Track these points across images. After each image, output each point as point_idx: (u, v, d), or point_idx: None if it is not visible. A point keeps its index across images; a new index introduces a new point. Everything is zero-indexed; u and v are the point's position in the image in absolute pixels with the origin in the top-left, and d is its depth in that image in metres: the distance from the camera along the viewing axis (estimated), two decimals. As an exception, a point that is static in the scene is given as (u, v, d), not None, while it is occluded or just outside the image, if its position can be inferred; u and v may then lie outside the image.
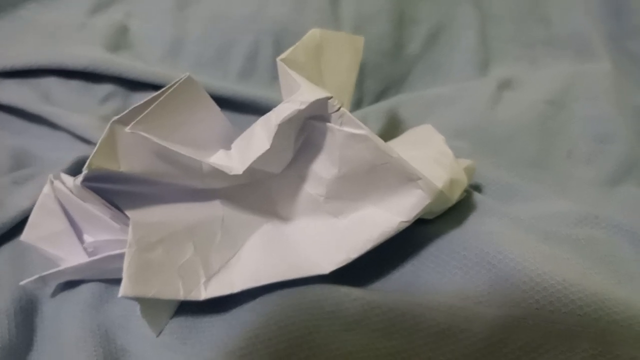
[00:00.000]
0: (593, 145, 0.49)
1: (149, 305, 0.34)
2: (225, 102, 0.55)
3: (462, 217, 0.38)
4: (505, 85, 0.55)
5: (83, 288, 0.39)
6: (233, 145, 0.35)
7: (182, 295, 0.33)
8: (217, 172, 0.36)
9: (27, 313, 0.39)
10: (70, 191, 0.36)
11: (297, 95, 0.31)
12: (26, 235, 0.40)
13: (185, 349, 0.33)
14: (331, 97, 0.31)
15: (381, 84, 0.57)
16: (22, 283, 0.39)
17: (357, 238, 0.34)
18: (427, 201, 0.32)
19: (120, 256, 0.35)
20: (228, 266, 0.35)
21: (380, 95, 0.58)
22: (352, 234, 0.34)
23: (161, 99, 0.32)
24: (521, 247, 0.34)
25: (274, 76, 0.57)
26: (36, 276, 0.38)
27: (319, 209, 0.36)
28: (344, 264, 0.34)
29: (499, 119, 0.50)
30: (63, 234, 0.39)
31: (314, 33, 0.38)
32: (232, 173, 0.32)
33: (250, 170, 0.36)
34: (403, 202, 0.33)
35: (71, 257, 0.40)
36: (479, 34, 0.60)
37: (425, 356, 0.31)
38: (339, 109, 0.31)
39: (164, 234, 0.33)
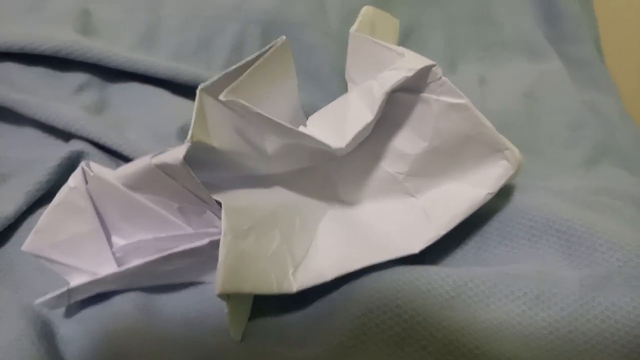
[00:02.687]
0: (568, 133, 0.54)
1: (236, 304, 0.29)
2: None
3: (509, 192, 0.39)
4: (481, 81, 0.59)
5: (119, 300, 0.33)
6: (313, 121, 0.32)
7: (275, 288, 0.30)
8: (282, 155, 0.33)
9: (48, 339, 0.32)
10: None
11: (403, 62, 0.30)
12: (33, 244, 0.33)
13: (286, 352, 0.30)
14: (435, 65, 0.30)
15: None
16: (39, 302, 0.32)
17: (443, 214, 0.33)
18: (511, 172, 0.33)
19: (170, 258, 0.30)
20: (309, 255, 0.32)
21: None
22: (438, 210, 0.33)
23: (255, 65, 0.28)
24: (583, 214, 0.36)
25: (261, 68, 0.54)
26: (60, 290, 0.32)
27: (393, 189, 0.35)
28: (433, 241, 0.33)
29: (489, 110, 0.53)
30: (88, 238, 0.33)
31: (368, 10, 0.37)
32: (334, 147, 0.30)
33: (313, 152, 0.34)
34: (488, 173, 0.33)
35: (92, 264, 0.34)
36: (444, 35, 0.64)
37: (527, 323, 0.31)
38: (441, 77, 0.30)
39: (253, 221, 0.29)
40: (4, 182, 0.40)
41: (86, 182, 0.32)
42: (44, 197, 0.39)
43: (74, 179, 0.32)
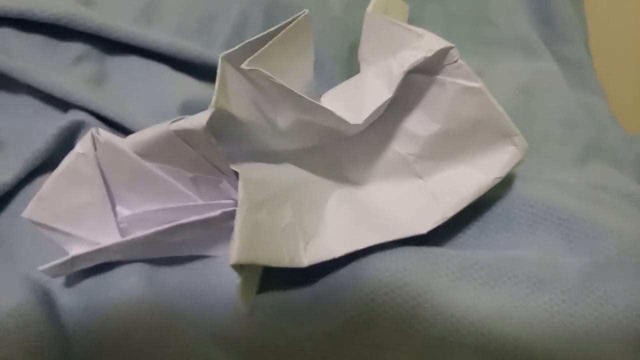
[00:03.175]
0: (562, 130, 0.56)
1: (248, 277, 0.29)
2: (211, 73, 0.50)
3: (511, 180, 0.40)
4: (477, 75, 0.59)
5: (122, 271, 0.32)
6: (327, 98, 0.32)
7: (287, 262, 0.30)
8: (293, 132, 0.33)
9: (50, 306, 0.31)
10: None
11: (422, 43, 0.30)
12: (34, 211, 0.32)
13: (293, 328, 0.30)
14: (453, 47, 0.30)
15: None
16: (41, 268, 0.31)
17: (451, 197, 0.34)
18: (518, 158, 0.34)
19: (180, 228, 0.30)
20: (319, 231, 0.32)
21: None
22: (445, 193, 0.34)
23: (277, 36, 0.28)
24: (583, 205, 0.37)
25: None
26: (66, 257, 0.31)
27: (401, 170, 0.35)
28: (440, 223, 0.34)
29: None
30: (92, 207, 0.33)
31: None
32: (352, 122, 0.30)
33: (323, 130, 0.34)
34: (496, 159, 0.34)
35: (95, 234, 0.33)
36: (443, 31, 0.64)
37: (529, 306, 0.32)
38: (458, 60, 0.31)
39: (267, 195, 0.29)
40: (1, 150, 0.39)
41: (95, 149, 0.31)
42: (42, 166, 0.38)
43: (82, 146, 0.31)
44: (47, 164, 0.39)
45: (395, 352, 0.28)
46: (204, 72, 0.49)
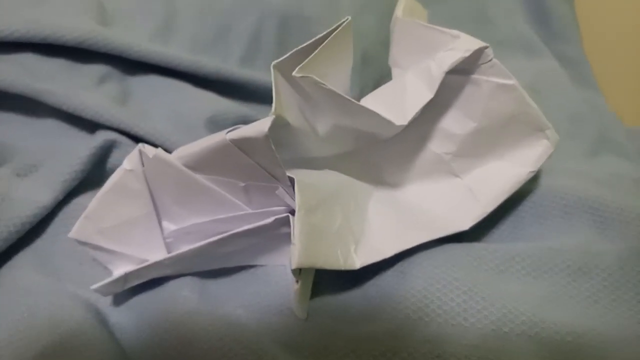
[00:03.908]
0: (569, 125, 0.57)
1: (304, 283, 0.30)
2: (229, 87, 0.50)
3: (539, 174, 0.41)
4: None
5: (174, 285, 0.32)
6: (367, 102, 0.33)
7: (342, 264, 0.30)
8: (331, 138, 0.34)
9: (105, 325, 0.31)
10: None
11: (459, 43, 0.31)
12: (81, 230, 0.32)
13: (351, 329, 0.30)
14: (488, 47, 0.31)
15: (379, 72, 0.58)
16: (94, 287, 0.31)
17: (489, 192, 0.35)
18: (551, 150, 0.35)
19: (233, 238, 0.30)
20: (365, 233, 0.33)
21: (377, 84, 0.59)
22: (483, 189, 0.35)
23: (324, 43, 0.29)
24: (610, 192, 0.38)
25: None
26: (119, 274, 0.31)
27: (438, 170, 0.36)
28: (481, 218, 0.34)
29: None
30: (139, 223, 0.33)
31: (402, 1, 0.38)
32: (398, 124, 0.31)
33: (358, 135, 0.35)
34: (530, 152, 0.35)
35: (142, 251, 0.33)
36: (448, 31, 0.66)
37: (573, 293, 0.33)
38: (492, 59, 0.32)
39: (319, 198, 0.30)
40: (34, 171, 0.39)
41: (142, 165, 0.31)
42: (77, 187, 0.38)
43: (130, 162, 0.31)
44: (81, 184, 0.39)
45: (453, 344, 0.29)
46: (223, 87, 0.50)
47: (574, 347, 0.30)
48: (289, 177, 0.28)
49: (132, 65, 0.48)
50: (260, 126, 0.26)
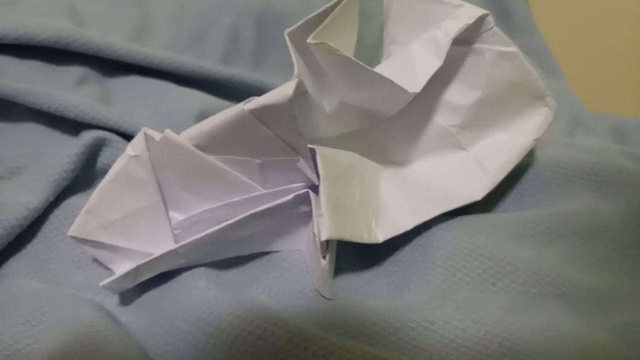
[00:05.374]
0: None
1: (330, 262, 0.29)
2: (210, 85, 0.49)
3: (537, 146, 0.41)
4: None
5: (188, 277, 0.30)
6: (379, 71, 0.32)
7: (366, 237, 0.29)
8: (336, 115, 0.34)
9: (117, 324, 0.29)
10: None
11: (463, 11, 0.31)
12: (80, 227, 0.30)
13: (381, 303, 0.29)
14: (489, 14, 0.32)
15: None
16: (103, 284, 0.29)
17: (496, 162, 0.35)
18: (551, 118, 0.36)
19: (252, 218, 0.29)
20: (381, 209, 0.32)
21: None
22: (490, 159, 0.35)
23: (334, 12, 0.28)
24: (604, 158, 0.39)
25: (257, 61, 0.54)
26: (127, 269, 0.29)
27: (444, 144, 0.36)
28: (492, 187, 0.35)
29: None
30: (146, 213, 0.31)
31: None
32: (411, 91, 0.30)
33: (362, 114, 0.35)
34: (532, 120, 0.35)
35: (148, 244, 0.32)
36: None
37: (589, 255, 0.33)
38: (493, 27, 0.32)
39: (339, 171, 0.29)
40: (19, 174, 0.36)
41: (148, 150, 0.30)
42: (66, 189, 0.36)
43: (134, 147, 0.30)
44: (70, 186, 0.36)
45: (486, 309, 0.28)
46: (204, 85, 0.49)
47: (598, 303, 0.30)
48: (309, 148, 0.28)
49: (110, 66, 0.46)
50: (283, 91, 0.25)
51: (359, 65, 0.29)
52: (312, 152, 0.28)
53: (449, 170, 0.35)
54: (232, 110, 0.27)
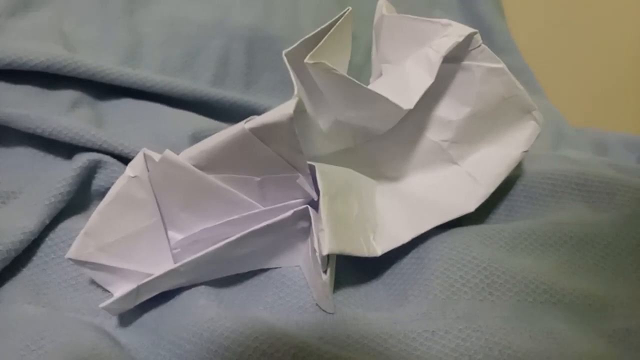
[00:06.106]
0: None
1: (331, 274, 0.29)
2: (202, 107, 0.50)
3: (525, 159, 0.42)
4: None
5: (187, 296, 0.30)
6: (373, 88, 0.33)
7: (365, 250, 0.30)
8: (330, 134, 0.34)
9: (119, 346, 0.28)
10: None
11: (452, 30, 0.32)
12: (80, 249, 0.30)
13: (382, 316, 0.29)
14: (477, 32, 0.33)
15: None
16: (103, 305, 0.29)
17: (488, 174, 0.36)
18: (539, 131, 0.37)
19: (252, 235, 0.29)
20: (378, 223, 0.33)
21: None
22: (481, 172, 0.36)
23: (330, 32, 0.29)
24: (592, 169, 0.40)
25: (247, 82, 0.54)
26: (128, 289, 0.29)
27: (437, 159, 0.37)
28: (484, 199, 0.35)
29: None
30: (145, 234, 0.31)
31: (381, 3, 0.40)
32: (405, 107, 0.31)
33: (356, 131, 0.35)
34: (521, 134, 0.36)
35: (147, 264, 0.32)
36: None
37: (581, 262, 0.34)
38: (481, 44, 0.33)
39: (337, 186, 0.29)
40: (14, 198, 0.36)
41: (147, 170, 0.30)
42: (61, 212, 0.36)
43: (134, 168, 0.30)
44: (65, 209, 0.36)
45: (485, 318, 0.29)
46: (196, 107, 0.49)
47: (594, 310, 0.31)
48: (309, 165, 0.28)
49: (102, 90, 0.46)
50: (284, 110, 0.26)
51: (355, 84, 0.29)
52: (312, 169, 0.28)
53: (442, 184, 0.36)
54: (233, 130, 0.27)
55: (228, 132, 0.27)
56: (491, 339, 0.27)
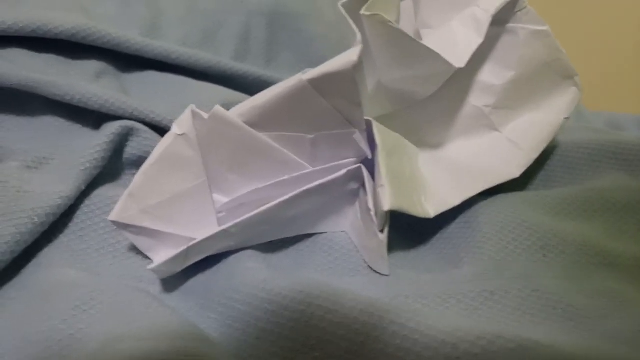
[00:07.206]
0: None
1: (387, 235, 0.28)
2: (225, 82, 0.49)
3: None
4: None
5: (235, 260, 0.29)
6: None
7: (420, 210, 0.29)
8: (372, 98, 0.34)
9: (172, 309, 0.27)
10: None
11: None
12: (124, 211, 0.29)
13: (434, 277, 0.29)
14: None
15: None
16: (152, 267, 0.28)
17: (530, 141, 0.35)
18: (580, 97, 0.36)
19: (305, 195, 0.29)
20: (426, 186, 0.32)
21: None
22: (524, 138, 0.35)
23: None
24: (624, 137, 0.40)
25: (268, 59, 0.54)
26: (177, 251, 0.28)
27: (478, 124, 0.36)
28: (528, 165, 0.35)
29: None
30: (190, 195, 0.30)
31: None
32: (457, 66, 0.30)
33: (395, 96, 0.35)
34: (562, 100, 0.36)
35: (191, 228, 0.31)
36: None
37: (625, 228, 0.34)
38: (527, 6, 0.33)
39: (392, 143, 0.29)
40: (46, 164, 0.35)
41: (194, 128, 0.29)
42: (96, 179, 0.35)
43: (181, 126, 0.29)
44: (98, 176, 0.35)
45: (541, 278, 0.28)
46: (219, 81, 0.48)
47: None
48: (366, 120, 0.27)
49: (126, 61, 0.45)
50: (347, 57, 0.25)
51: (409, 38, 0.29)
52: (369, 124, 0.28)
53: (484, 151, 0.36)
54: (289, 82, 0.26)
55: (283, 85, 0.26)
56: (552, 298, 0.27)
